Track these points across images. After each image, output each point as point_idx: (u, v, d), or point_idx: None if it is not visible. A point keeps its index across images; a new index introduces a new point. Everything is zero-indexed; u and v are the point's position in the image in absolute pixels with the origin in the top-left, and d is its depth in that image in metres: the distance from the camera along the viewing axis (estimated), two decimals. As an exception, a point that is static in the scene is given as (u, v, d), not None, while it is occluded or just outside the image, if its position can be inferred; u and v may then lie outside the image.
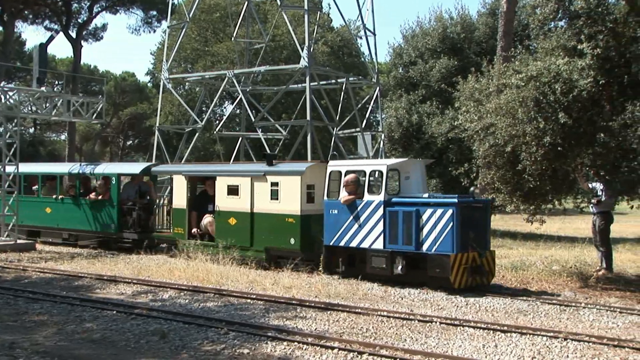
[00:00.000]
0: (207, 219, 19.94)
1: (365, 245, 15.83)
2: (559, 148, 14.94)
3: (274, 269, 17.58)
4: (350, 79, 34.55)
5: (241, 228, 18.58)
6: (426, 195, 15.97)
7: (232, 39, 36.94)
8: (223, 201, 19.13)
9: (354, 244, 16.06)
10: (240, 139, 37.35)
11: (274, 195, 17.89)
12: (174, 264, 18.07)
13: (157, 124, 34.52)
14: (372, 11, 34.61)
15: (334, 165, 16.87)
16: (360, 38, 43.34)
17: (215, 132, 34.79)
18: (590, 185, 16.99)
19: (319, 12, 36.20)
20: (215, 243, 19.08)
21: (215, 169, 20.81)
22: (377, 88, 33.69)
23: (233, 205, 18.83)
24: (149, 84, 68.16)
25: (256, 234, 18.28)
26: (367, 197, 15.84)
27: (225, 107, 53.11)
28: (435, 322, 11.66)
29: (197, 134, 34.11)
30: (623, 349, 9.97)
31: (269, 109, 36.14)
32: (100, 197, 23.08)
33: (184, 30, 34.52)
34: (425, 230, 14.90)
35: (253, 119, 32.43)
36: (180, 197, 20.59)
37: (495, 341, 10.47)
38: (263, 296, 14.05)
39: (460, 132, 18.19)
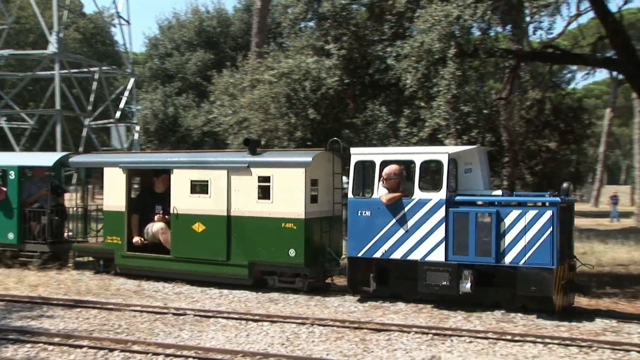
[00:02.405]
0: (156, 225, 15.54)
1: (415, 256, 12.40)
2: (308, 142, 15.71)
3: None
4: (104, 68, 33.56)
5: (212, 236, 14.41)
6: (499, 192, 12.99)
7: (-30, 18, 34.19)
8: (184, 201, 14.76)
9: (397, 255, 12.57)
10: (-20, 128, 34.71)
11: (264, 193, 13.95)
12: None
13: None
14: (127, -1, 33.78)
15: (361, 153, 13.23)
16: (114, 26, 42.13)
17: (-50, 120, 32.05)
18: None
19: (69, -4, 34.59)
20: (172, 256, 14.94)
21: (170, 159, 15.50)
22: (132, 79, 33.02)
23: (200, 207, 14.56)
24: None
25: (235, 244, 14.22)
26: (418, 194, 12.46)
27: (-38, 93, 48.90)
28: (189, 315, 11.72)
29: None
30: (362, 330, 10.77)
31: (13, 96, 34.12)
32: None
33: None
34: (508, 238, 11.82)
35: (-5, 107, 30.27)
36: (115, 197, 15.60)
37: (247, 330, 10.77)
38: (5, 296, 13.17)
39: (216, 126, 18.43)
